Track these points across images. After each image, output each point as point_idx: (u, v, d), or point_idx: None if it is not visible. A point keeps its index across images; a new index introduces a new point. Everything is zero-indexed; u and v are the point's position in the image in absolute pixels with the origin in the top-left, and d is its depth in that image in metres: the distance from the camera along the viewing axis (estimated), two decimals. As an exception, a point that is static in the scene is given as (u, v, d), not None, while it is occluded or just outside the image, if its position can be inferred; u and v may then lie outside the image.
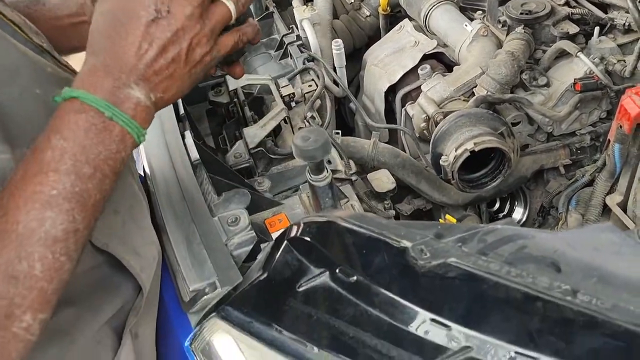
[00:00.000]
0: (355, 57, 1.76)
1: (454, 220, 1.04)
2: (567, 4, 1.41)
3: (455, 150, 1.11)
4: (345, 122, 1.73)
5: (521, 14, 1.34)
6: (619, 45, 1.35)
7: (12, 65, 0.68)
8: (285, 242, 0.68)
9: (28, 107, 0.68)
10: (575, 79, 1.25)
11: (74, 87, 0.63)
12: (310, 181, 0.95)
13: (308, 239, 0.67)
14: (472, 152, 1.10)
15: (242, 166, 1.20)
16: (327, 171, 0.96)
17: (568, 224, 1.21)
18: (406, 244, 0.59)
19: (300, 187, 1.13)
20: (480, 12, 1.50)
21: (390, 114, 1.52)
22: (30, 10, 0.95)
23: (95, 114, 0.62)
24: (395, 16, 1.72)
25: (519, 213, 1.46)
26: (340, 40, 1.41)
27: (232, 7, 0.71)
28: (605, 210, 1.23)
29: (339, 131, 1.33)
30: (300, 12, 1.51)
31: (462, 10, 1.54)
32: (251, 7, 1.61)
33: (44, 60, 0.74)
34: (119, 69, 0.64)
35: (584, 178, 1.31)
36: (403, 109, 1.39)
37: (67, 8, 0.96)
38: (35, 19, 0.91)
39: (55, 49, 0.86)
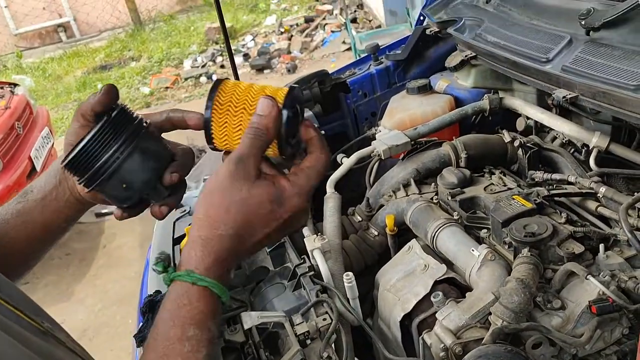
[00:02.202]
0: (367, 274, 1.79)
1: None
2: (568, 221, 1.46)
3: (479, 397, 1.07)
4: (365, 340, 1.71)
5: (525, 236, 1.38)
6: (627, 259, 1.37)
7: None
8: None
9: None
10: (589, 302, 1.24)
11: (202, 274, 0.73)
12: None
13: None
14: (497, 397, 1.06)
15: (259, 419, 1.17)
16: None
17: None
18: None
19: None
20: (485, 230, 1.55)
21: (407, 337, 1.50)
22: (19, 205, 1.00)
23: (211, 294, 0.73)
24: (404, 230, 1.77)
25: None
26: (351, 274, 1.44)
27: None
28: None
29: (358, 367, 1.31)
30: (310, 242, 1.57)
31: (467, 228, 1.59)
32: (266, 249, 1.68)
33: (47, 344, 0.75)
34: (238, 257, 0.77)
35: (620, 405, 1.24)
36: (420, 338, 1.37)
37: (49, 183, 0.99)
38: (23, 210, 0.98)
39: (51, 230, 0.95)
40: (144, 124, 0.85)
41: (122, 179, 0.80)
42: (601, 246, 1.37)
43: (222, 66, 9.14)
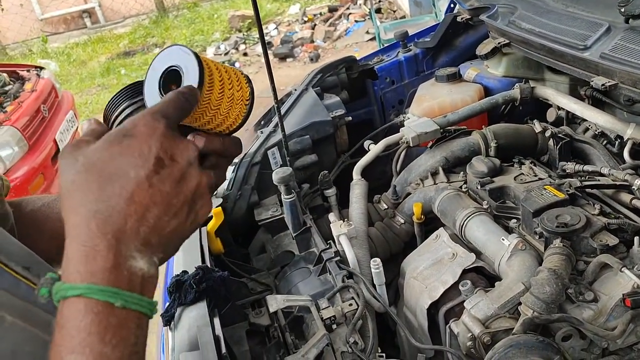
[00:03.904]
0: (392, 262, 1.77)
1: None
2: (602, 213, 1.43)
3: (509, 387, 1.05)
4: (388, 328, 1.69)
5: (557, 226, 1.35)
6: (662, 253, 1.34)
7: (39, 347, 0.65)
8: None
9: None
10: (623, 295, 1.21)
11: (69, 281, 0.53)
12: None
13: None
14: (528, 388, 1.04)
15: (284, 401, 1.16)
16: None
17: None
18: None
19: None
20: (515, 220, 1.53)
21: (433, 325, 1.48)
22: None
23: (104, 308, 0.52)
24: (431, 218, 1.75)
25: None
26: (378, 260, 1.42)
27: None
28: None
29: (383, 354, 1.29)
30: (337, 227, 1.56)
31: (496, 218, 1.56)
32: (289, 221, 1.67)
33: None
34: (117, 239, 0.53)
35: (650, 400, 1.22)
36: (447, 327, 1.35)
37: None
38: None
39: None
40: None
41: None
42: (636, 239, 1.33)
43: (245, 54, 9.13)
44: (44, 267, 0.80)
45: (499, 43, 1.90)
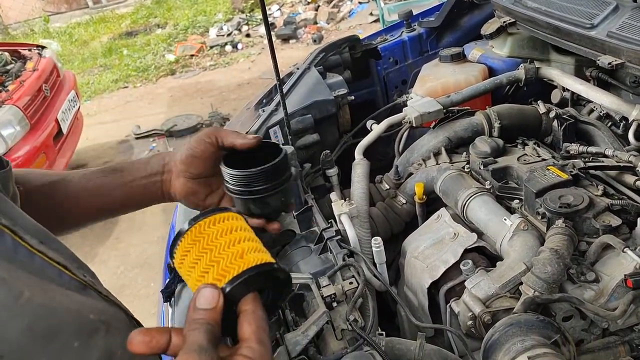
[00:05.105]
0: (393, 241, 1.77)
1: None
2: (605, 194, 1.42)
3: (509, 364, 1.05)
4: (388, 308, 1.69)
5: (560, 207, 1.34)
6: (665, 234, 1.33)
7: (55, 322, 0.66)
8: None
9: None
10: (625, 276, 1.21)
11: None
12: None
13: None
14: (528, 365, 1.04)
15: (284, 377, 1.16)
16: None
17: None
18: None
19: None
20: (517, 200, 1.52)
21: (433, 305, 1.49)
22: (106, 178, 1.01)
23: None
24: (433, 199, 1.74)
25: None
26: (379, 238, 1.42)
27: None
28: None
29: (383, 332, 1.29)
30: (338, 206, 1.55)
31: (499, 198, 1.55)
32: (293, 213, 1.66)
33: (86, 299, 0.74)
34: None
35: (650, 380, 1.22)
36: (448, 306, 1.35)
37: (145, 170, 1.01)
38: (107, 185, 0.99)
39: (121, 209, 0.94)
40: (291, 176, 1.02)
41: (248, 206, 0.98)
42: (639, 220, 1.32)
43: (248, 35, 9.08)
44: (59, 243, 0.80)
45: (504, 22, 1.87)
